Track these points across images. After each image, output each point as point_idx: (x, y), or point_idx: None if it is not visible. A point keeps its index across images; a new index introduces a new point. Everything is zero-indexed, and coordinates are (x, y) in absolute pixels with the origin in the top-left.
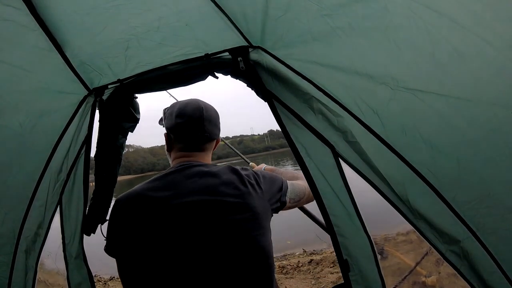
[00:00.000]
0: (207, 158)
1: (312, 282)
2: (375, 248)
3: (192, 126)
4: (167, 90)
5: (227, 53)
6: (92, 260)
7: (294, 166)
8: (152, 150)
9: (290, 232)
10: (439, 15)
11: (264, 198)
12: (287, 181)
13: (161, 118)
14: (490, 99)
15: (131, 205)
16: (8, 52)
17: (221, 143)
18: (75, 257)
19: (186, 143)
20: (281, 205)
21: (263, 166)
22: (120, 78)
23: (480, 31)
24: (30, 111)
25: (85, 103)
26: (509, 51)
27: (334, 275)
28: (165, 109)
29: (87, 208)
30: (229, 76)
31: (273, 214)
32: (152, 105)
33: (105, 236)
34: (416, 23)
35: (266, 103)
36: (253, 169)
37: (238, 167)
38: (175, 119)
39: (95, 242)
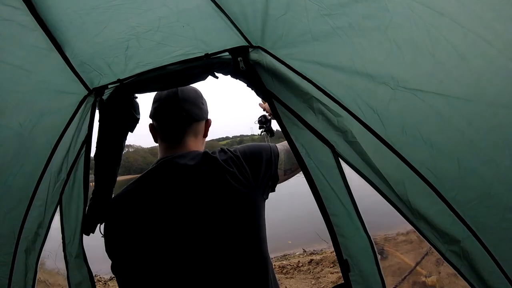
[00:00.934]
0: (192, 145)
1: (312, 282)
2: (375, 248)
3: (167, 107)
4: None
5: (227, 53)
6: (92, 260)
7: None
8: (152, 150)
9: (290, 232)
10: (439, 15)
11: (249, 183)
12: (281, 147)
13: None
14: (490, 98)
15: (115, 209)
16: (8, 52)
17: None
18: (75, 257)
19: (165, 127)
20: (274, 180)
21: None
22: (120, 78)
23: (480, 31)
24: (30, 111)
25: (85, 103)
26: (510, 51)
27: (334, 275)
28: None
29: (87, 207)
30: (229, 76)
31: (269, 195)
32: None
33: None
34: (416, 23)
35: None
36: (233, 149)
37: (216, 152)
38: (152, 105)
39: (95, 242)
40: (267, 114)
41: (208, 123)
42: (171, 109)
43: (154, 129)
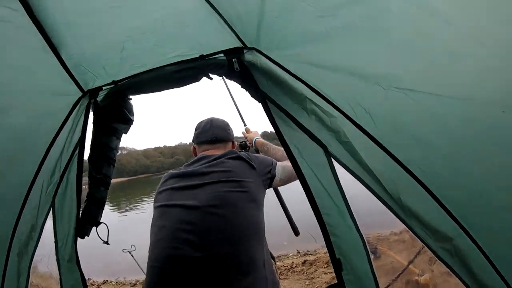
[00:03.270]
0: (217, 152)
1: (306, 283)
2: (368, 247)
3: (204, 132)
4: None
5: (222, 54)
6: (86, 264)
7: None
8: (145, 153)
9: (285, 232)
10: (433, 15)
11: (258, 172)
12: (278, 162)
13: None
14: (482, 98)
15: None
16: (5, 53)
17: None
18: (68, 260)
19: (202, 144)
20: (272, 177)
21: (255, 135)
22: (115, 80)
23: (474, 32)
24: (25, 112)
25: (79, 104)
26: (502, 51)
27: (328, 275)
28: None
29: (81, 211)
30: (223, 77)
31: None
32: (146, 107)
33: (102, 239)
34: (411, 24)
35: (259, 104)
36: (252, 155)
37: (242, 153)
38: (195, 131)
39: (89, 245)
40: (248, 142)
41: (233, 144)
42: (207, 133)
43: (195, 149)
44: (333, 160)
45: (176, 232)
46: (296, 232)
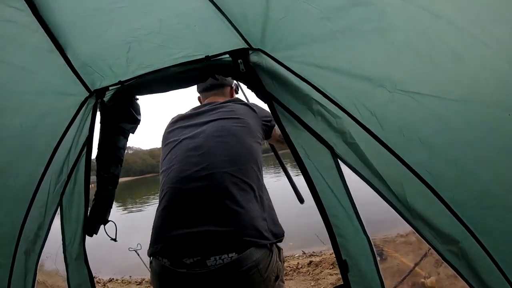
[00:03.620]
0: (220, 98)
1: (312, 284)
2: (374, 249)
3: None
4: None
5: (227, 55)
6: (91, 262)
7: (293, 168)
8: (152, 152)
9: (290, 233)
10: (436, 17)
11: (259, 116)
12: None
13: None
14: (487, 100)
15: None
16: (11, 53)
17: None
18: (76, 258)
19: (202, 92)
20: (270, 127)
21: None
22: (122, 80)
23: (477, 33)
24: (31, 112)
25: (86, 104)
26: (506, 53)
27: (334, 276)
28: None
29: (89, 209)
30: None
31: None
32: (152, 106)
33: (110, 235)
34: (414, 26)
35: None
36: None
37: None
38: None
39: (95, 243)
40: None
41: (232, 90)
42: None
43: (200, 99)
44: (339, 161)
45: (185, 158)
46: (301, 200)
